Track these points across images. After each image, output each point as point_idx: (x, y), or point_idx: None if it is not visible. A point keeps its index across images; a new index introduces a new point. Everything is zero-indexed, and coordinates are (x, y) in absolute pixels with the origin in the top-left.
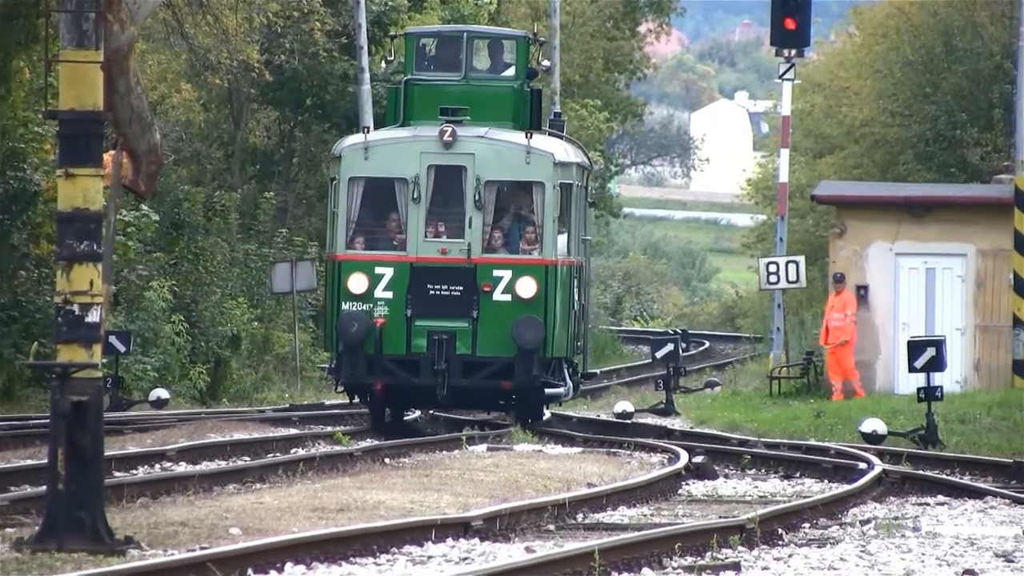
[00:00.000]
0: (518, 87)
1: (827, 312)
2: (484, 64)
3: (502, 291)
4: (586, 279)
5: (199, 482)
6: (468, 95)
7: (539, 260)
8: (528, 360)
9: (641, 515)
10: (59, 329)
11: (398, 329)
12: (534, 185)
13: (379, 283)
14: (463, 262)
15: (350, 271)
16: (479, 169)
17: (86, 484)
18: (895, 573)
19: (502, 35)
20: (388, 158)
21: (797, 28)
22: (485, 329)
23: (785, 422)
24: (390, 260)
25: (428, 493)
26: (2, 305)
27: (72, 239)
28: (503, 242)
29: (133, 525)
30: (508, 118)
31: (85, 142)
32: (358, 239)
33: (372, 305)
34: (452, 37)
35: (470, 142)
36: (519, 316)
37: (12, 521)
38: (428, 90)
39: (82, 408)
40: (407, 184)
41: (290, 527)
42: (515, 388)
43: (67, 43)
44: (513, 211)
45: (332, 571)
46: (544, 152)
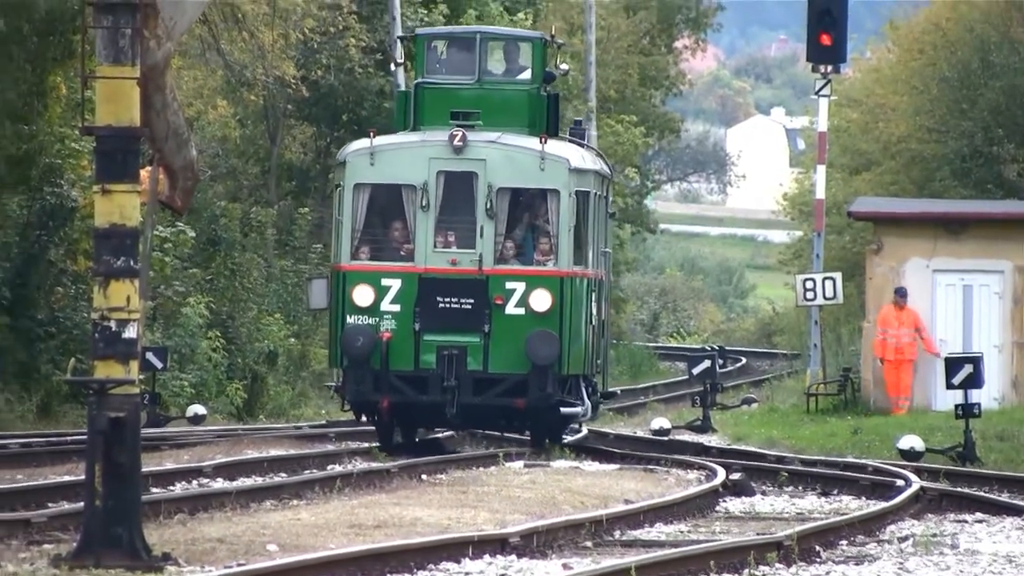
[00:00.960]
0: (534, 91)
1: (883, 327)
2: (499, 67)
3: (515, 304)
4: (606, 293)
5: (236, 498)
6: (481, 99)
7: (554, 271)
8: (542, 377)
9: (678, 532)
10: (96, 345)
11: (406, 344)
12: (549, 192)
13: (386, 295)
14: (474, 273)
15: (355, 282)
16: (491, 175)
17: (123, 500)
18: None
19: (517, 36)
20: (395, 164)
21: (833, 44)
22: (497, 344)
23: (822, 439)
24: (397, 271)
25: (465, 510)
26: (39, 321)
27: (109, 255)
28: (516, 252)
29: (170, 541)
30: (523, 123)
31: (122, 158)
32: (364, 249)
33: (378, 318)
34: (465, 38)
35: (481, 147)
36: (533, 330)
37: (50, 537)
38: (439, 94)
39: (119, 424)
40: (415, 191)
41: (327, 544)
42: (529, 407)
43: (104, 59)
44: (527, 220)
45: None
46: (559, 158)
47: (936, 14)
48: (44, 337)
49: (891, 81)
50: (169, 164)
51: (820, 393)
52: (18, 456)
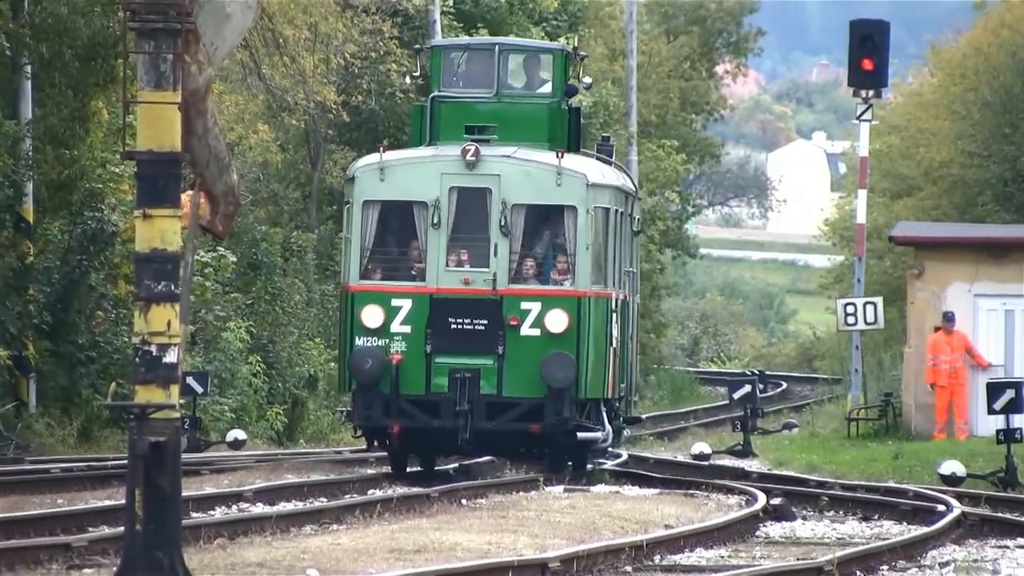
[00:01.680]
0: (554, 105)
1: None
2: (518, 80)
3: (530, 325)
4: (632, 315)
5: (276, 523)
6: (499, 113)
7: (571, 291)
8: (559, 401)
9: (718, 557)
10: (137, 370)
11: (417, 367)
12: (565, 209)
13: (396, 316)
14: (488, 293)
15: (364, 303)
16: (505, 192)
17: (164, 525)
18: None
19: (538, 48)
20: (406, 180)
21: (875, 69)
22: (512, 367)
23: (863, 464)
24: (408, 291)
25: (505, 534)
26: (80, 346)
27: (150, 280)
28: (532, 272)
29: (211, 566)
30: (543, 138)
31: (163, 183)
32: (373, 268)
33: (388, 340)
34: (483, 50)
35: (495, 162)
36: (549, 352)
37: (90, 562)
38: (456, 108)
39: (160, 449)
40: (427, 208)
41: (367, 568)
42: (544, 432)
43: (145, 84)
44: (543, 237)
45: None
46: (576, 173)
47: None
48: (85, 362)
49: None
50: (210, 189)
51: (861, 418)
52: (59, 480)
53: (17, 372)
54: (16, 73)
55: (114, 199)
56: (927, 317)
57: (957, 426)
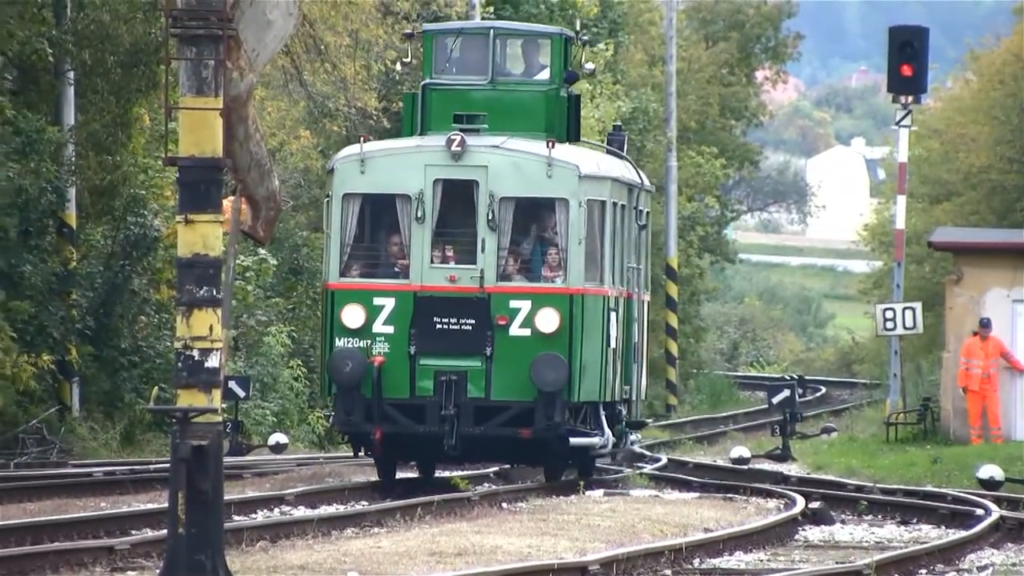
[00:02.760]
0: (552, 92)
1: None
2: (515, 66)
3: (520, 325)
4: (636, 314)
5: (318, 526)
6: (493, 101)
7: (562, 289)
8: (550, 404)
9: (757, 560)
10: (179, 374)
11: (400, 369)
12: (556, 202)
13: (378, 316)
14: (475, 292)
15: (344, 302)
16: (493, 184)
17: (206, 527)
18: None
19: (536, 32)
20: (388, 172)
21: (914, 74)
22: (500, 369)
23: (902, 468)
24: (391, 289)
25: (545, 538)
26: (123, 350)
27: (192, 284)
28: (521, 268)
29: (253, 568)
30: (540, 127)
31: (205, 188)
32: (354, 265)
33: (370, 341)
34: (477, 34)
35: (483, 153)
36: (539, 354)
37: (134, 565)
38: (448, 96)
39: (202, 452)
40: (410, 201)
41: (408, 571)
42: (535, 437)
43: (187, 90)
44: (533, 232)
45: None
46: (568, 164)
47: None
48: (127, 366)
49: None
50: (252, 194)
51: (900, 423)
52: (102, 484)
53: (60, 377)
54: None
55: (156, 204)
56: (966, 322)
57: (992, 431)
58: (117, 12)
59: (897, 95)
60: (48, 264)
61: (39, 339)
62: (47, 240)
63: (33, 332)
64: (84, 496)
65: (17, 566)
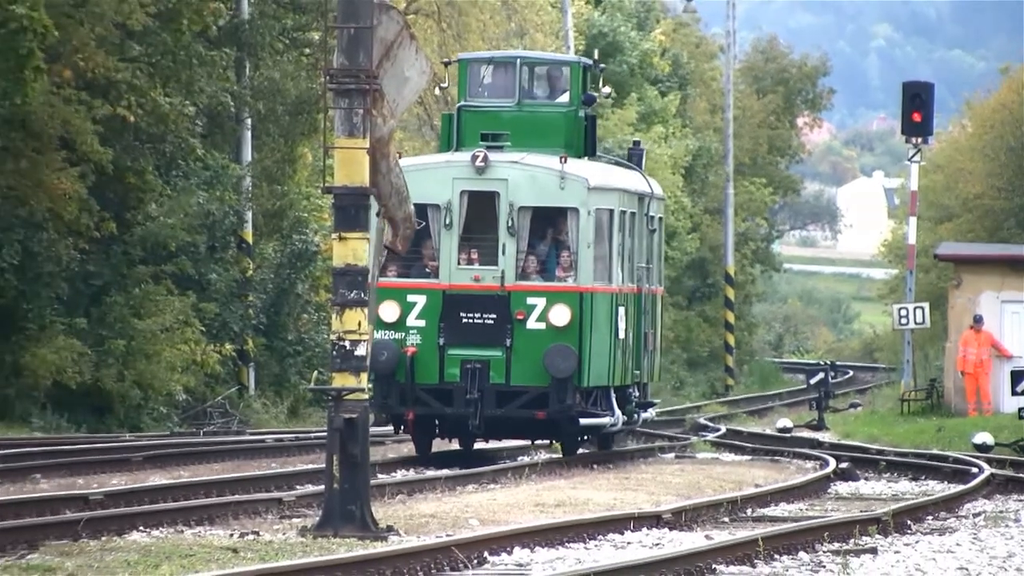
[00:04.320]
0: (571, 113)
1: (964, 347)
2: (539, 90)
3: (536, 319)
4: (649, 306)
5: (445, 483)
6: (517, 121)
7: (573, 287)
8: (562, 389)
9: (798, 509)
10: (334, 361)
11: (431, 358)
12: (568, 211)
13: (411, 311)
14: (496, 289)
15: (381, 299)
16: (512, 195)
17: (355, 484)
18: (999, 555)
19: (557, 61)
20: (420, 184)
21: (922, 120)
22: (519, 358)
23: (913, 435)
24: (422, 288)
25: (627, 492)
26: (289, 341)
27: (344, 289)
28: (538, 269)
29: (393, 517)
30: (560, 144)
31: (355, 212)
32: (390, 266)
33: (404, 334)
34: (505, 62)
35: (503, 167)
36: (552, 344)
37: (298, 513)
38: (479, 116)
39: (352, 424)
40: (439, 210)
41: (518, 519)
42: (549, 418)
43: (341, 133)
44: (547, 237)
45: (551, 554)
46: (578, 177)
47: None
48: (293, 354)
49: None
50: (392, 216)
51: (911, 399)
52: (272, 449)
53: (239, 362)
54: (239, 125)
55: (316, 225)
56: (964, 319)
57: (984, 406)
58: (285, 71)
59: (909, 137)
60: (230, 272)
61: (223, 332)
62: (229, 253)
63: (218, 327)
64: (258, 458)
65: (206, 514)
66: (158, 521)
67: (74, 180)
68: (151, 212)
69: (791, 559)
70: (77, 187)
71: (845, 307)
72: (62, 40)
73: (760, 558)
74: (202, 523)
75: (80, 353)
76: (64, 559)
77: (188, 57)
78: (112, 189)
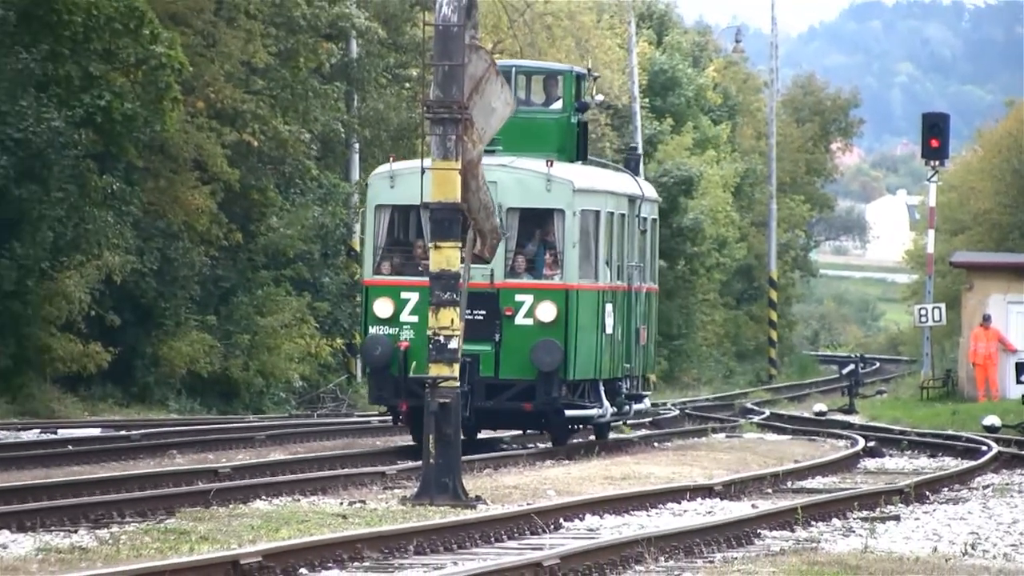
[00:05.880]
0: (564, 119)
1: (974, 342)
2: (535, 97)
3: (523, 315)
4: (640, 303)
5: (526, 459)
6: (513, 126)
7: (559, 285)
8: (548, 382)
9: (831, 482)
10: (431, 353)
11: (423, 352)
12: (554, 212)
13: (405, 307)
14: (486, 287)
15: (376, 296)
16: (501, 196)
17: (448, 459)
18: (1005, 521)
19: (551, 70)
20: (413, 186)
21: (939, 146)
22: (507, 352)
23: (931, 418)
24: (415, 285)
25: (684, 466)
26: None
27: (439, 291)
28: (525, 267)
29: (480, 488)
30: (553, 148)
31: (448, 224)
32: (385, 265)
33: (398, 329)
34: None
35: (493, 170)
36: (538, 339)
37: (399, 485)
38: None
39: (446, 407)
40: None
41: (589, 490)
42: (536, 410)
43: (436, 156)
44: (535, 237)
45: (617, 520)
46: (563, 180)
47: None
48: None
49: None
50: (480, 228)
51: (930, 387)
52: (377, 429)
53: (348, 354)
54: (348, 149)
55: None
56: (975, 318)
57: (992, 393)
58: (388, 102)
59: (928, 160)
60: (340, 276)
61: (334, 328)
62: (339, 260)
63: (330, 323)
64: (364, 437)
65: (319, 485)
66: (278, 491)
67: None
68: (272, 224)
69: (825, 525)
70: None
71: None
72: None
73: (799, 524)
74: (316, 493)
75: (211, 346)
76: (197, 523)
77: (304, 90)
78: (238, 204)
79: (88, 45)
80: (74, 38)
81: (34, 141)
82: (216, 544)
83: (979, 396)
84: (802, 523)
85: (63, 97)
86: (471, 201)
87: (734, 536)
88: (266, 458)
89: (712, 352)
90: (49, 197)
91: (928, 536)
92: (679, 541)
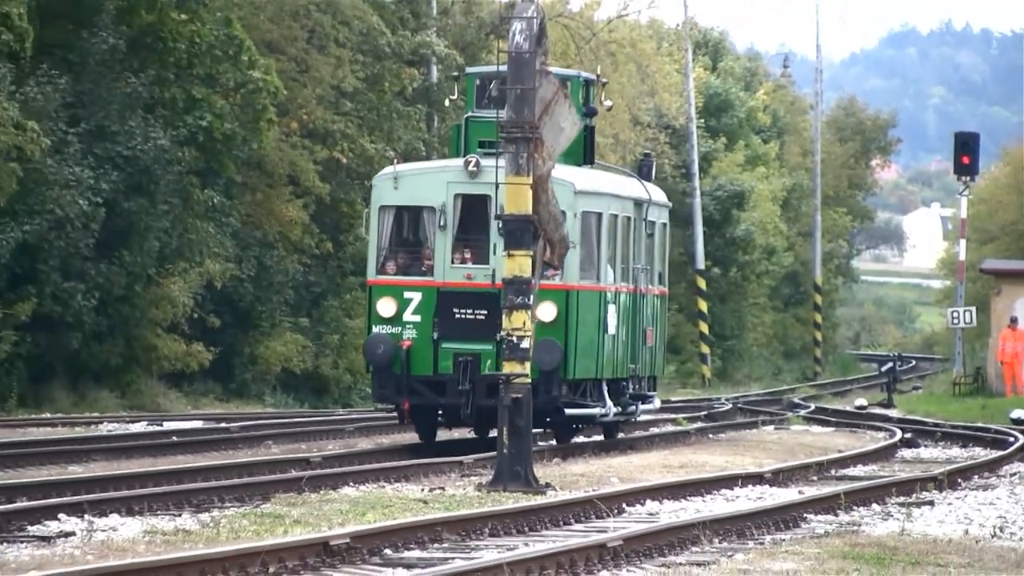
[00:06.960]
0: None
1: (1003, 342)
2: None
3: None
4: (647, 305)
5: (592, 449)
6: None
7: (559, 285)
8: (548, 381)
9: (871, 470)
10: (504, 352)
11: (425, 351)
12: None
13: (408, 307)
14: (488, 287)
15: (380, 295)
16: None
17: (521, 449)
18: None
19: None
20: (416, 187)
21: (970, 163)
22: None
23: (963, 412)
24: (418, 285)
25: (736, 456)
26: None
27: (513, 295)
28: None
29: (550, 476)
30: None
31: (521, 234)
32: (388, 265)
33: (401, 328)
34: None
35: (494, 172)
36: (539, 339)
37: (475, 472)
38: (483, 126)
39: (518, 401)
40: (434, 212)
41: (649, 477)
42: (536, 408)
43: (510, 172)
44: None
45: (675, 505)
46: (564, 182)
47: None
48: None
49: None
50: (550, 238)
51: (961, 383)
52: None
53: None
54: None
55: None
56: (1003, 319)
57: (1019, 389)
58: None
59: (960, 176)
60: None
61: None
62: None
63: None
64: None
65: (402, 473)
66: (365, 478)
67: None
68: (359, 234)
69: (866, 509)
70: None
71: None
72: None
73: (842, 508)
74: (399, 480)
75: (303, 345)
76: (290, 508)
77: (389, 112)
78: (329, 216)
79: (191, 70)
80: (178, 64)
81: (142, 158)
82: (308, 527)
83: (1007, 391)
84: (844, 508)
85: (168, 118)
86: (542, 213)
87: (782, 520)
88: (354, 448)
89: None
90: (155, 210)
91: (960, 520)
92: (732, 524)
